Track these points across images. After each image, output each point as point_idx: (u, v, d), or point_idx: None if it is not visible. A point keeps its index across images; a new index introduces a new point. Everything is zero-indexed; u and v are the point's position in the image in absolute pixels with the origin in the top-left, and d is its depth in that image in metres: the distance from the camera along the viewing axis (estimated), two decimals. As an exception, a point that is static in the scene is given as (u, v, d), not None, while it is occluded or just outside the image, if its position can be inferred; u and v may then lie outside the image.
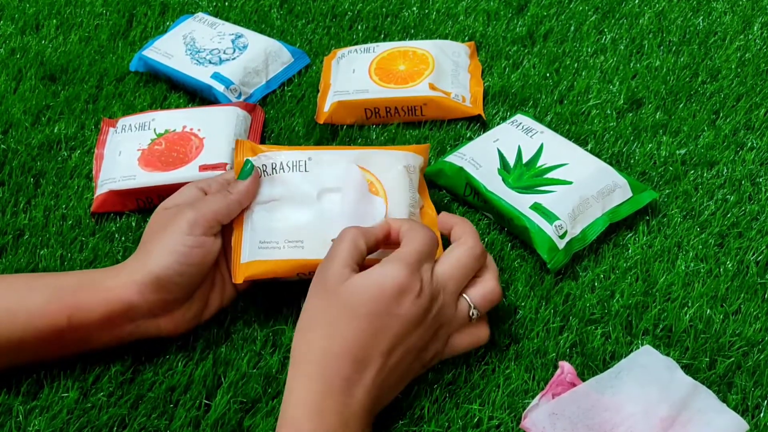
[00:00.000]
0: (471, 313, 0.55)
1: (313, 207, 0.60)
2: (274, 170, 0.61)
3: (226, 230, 0.60)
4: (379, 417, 0.54)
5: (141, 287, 0.54)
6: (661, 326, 0.60)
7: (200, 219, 0.56)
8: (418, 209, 0.63)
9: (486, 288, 0.55)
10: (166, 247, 0.55)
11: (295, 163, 0.61)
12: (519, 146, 0.70)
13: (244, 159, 0.61)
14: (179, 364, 0.58)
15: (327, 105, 0.77)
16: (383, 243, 0.56)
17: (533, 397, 0.55)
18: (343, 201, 0.60)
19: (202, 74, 0.80)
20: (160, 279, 0.54)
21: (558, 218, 0.63)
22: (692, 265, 0.64)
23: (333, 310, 0.51)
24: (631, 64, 0.82)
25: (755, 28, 0.86)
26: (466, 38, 0.86)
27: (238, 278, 0.58)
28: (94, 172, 0.72)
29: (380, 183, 0.61)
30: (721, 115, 0.76)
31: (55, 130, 0.76)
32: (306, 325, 0.52)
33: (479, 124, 0.77)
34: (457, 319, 0.55)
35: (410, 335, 0.52)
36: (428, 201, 0.65)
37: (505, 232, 0.67)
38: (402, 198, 0.61)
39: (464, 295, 0.55)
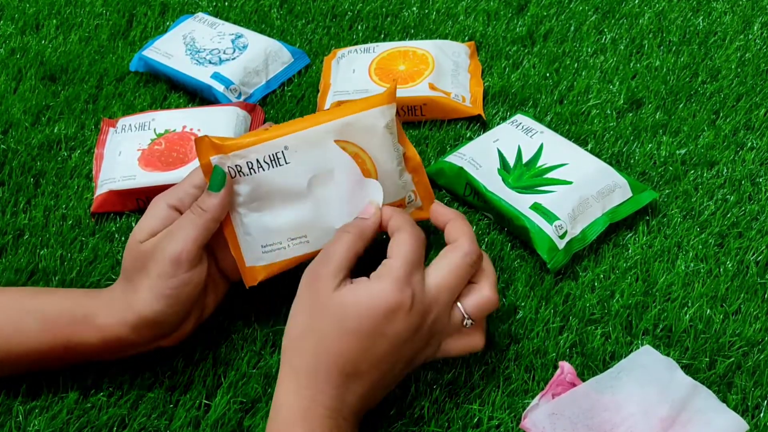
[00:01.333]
0: (465, 323, 0.53)
1: (307, 198, 0.56)
2: (251, 170, 0.55)
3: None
4: (379, 417, 0.55)
5: (135, 328, 0.53)
6: (661, 326, 0.60)
7: (182, 255, 0.52)
8: (403, 160, 0.59)
9: (482, 297, 0.53)
10: (153, 291, 0.52)
11: (272, 158, 0.55)
12: (519, 146, 0.70)
13: (213, 164, 0.54)
14: (179, 364, 0.58)
15: (327, 105, 0.77)
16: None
17: (533, 397, 0.55)
18: (336, 183, 0.56)
19: (202, 74, 0.80)
20: (155, 321, 0.53)
21: (558, 218, 0.63)
22: (692, 265, 0.64)
23: (323, 324, 0.50)
24: (631, 64, 0.82)
25: (755, 28, 0.86)
26: (466, 38, 0.86)
27: (250, 282, 0.57)
28: (94, 172, 0.72)
29: (365, 152, 0.57)
30: (721, 115, 0.76)
31: (55, 130, 0.76)
32: (296, 333, 0.51)
33: (479, 124, 0.77)
34: (451, 327, 0.53)
35: (401, 349, 0.51)
36: (408, 144, 0.60)
37: (505, 232, 0.67)
38: (389, 159, 0.57)
39: (458, 303, 0.53)
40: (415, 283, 0.51)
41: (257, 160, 0.55)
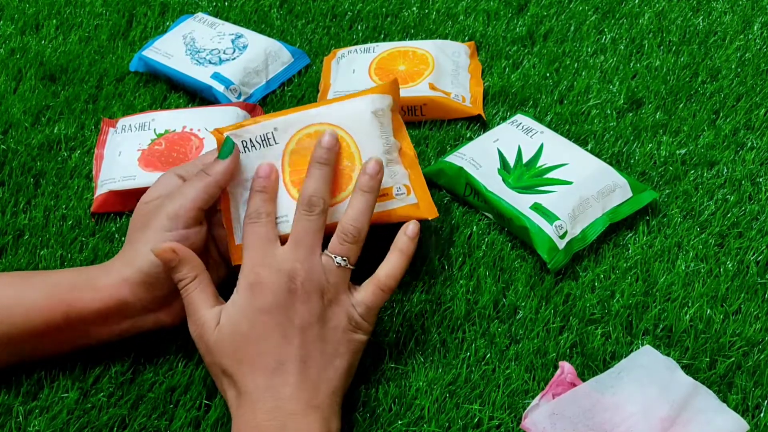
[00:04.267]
0: (336, 262, 0.54)
1: None
2: (246, 148, 0.58)
3: (213, 211, 0.59)
4: (379, 417, 0.54)
5: (132, 286, 0.54)
6: (661, 326, 0.60)
7: (180, 211, 0.55)
8: (396, 152, 0.61)
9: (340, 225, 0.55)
10: (150, 244, 0.54)
11: (263, 137, 0.58)
12: (519, 146, 0.70)
13: (225, 136, 0.58)
14: (179, 364, 0.58)
15: (327, 105, 0.77)
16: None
17: (533, 398, 0.55)
18: None
19: (202, 74, 0.80)
20: (150, 277, 0.54)
21: (558, 218, 0.63)
22: (692, 265, 0.64)
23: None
24: (631, 64, 0.82)
25: (755, 28, 0.86)
26: (466, 38, 0.86)
27: (236, 260, 0.57)
28: (94, 173, 0.72)
29: (350, 136, 0.59)
30: (721, 115, 0.76)
31: (55, 130, 0.76)
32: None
33: (479, 124, 0.77)
34: (332, 275, 0.54)
35: (289, 314, 0.52)
36: (406, 140, 0.62)
37: (505, 233, 0.67)
38: (375, 147, 0.59)
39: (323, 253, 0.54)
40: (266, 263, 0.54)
41: (251, 140, 0.58)
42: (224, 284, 0.60)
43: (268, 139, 0.58)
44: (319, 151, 0.57)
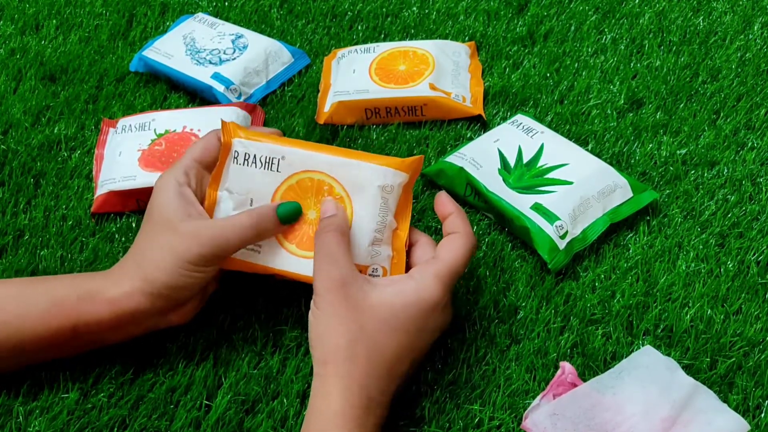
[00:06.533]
0: None
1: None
2: (246, 162, 0.57)
3: None
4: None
5: (151, 298, 0.54)
6: (661, 326, 0.60)
7: (216, 254, 0.54)
8: (390, 232, 0.57)
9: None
10: (176, 270, 0.53)
11: (268, 160, 0.56)
12: (519, 146, 0.70)
13: (296, 203, 0.56)
14: (180, 364, 0.58)
15: (327, 105, 0.77)
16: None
17: (534, 398, 0.55)
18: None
19: (202, 74, 0.80)
20: (171, 295, 0.54)
21: (559, 218, 0.63)
22: (693, 265, 0.64)
23: (373, 326, 0.51)
24: (632, 64, 0.82)
25: (755, 28, 0.86)
26: (467, 38, 0.86)
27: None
28: (94, 173, 0.72)
29: (350, 200, 0.56)
30: (722, 115, 0.76)
31: (55, 131, 0.76)
32: (344, 342, 0.50)
33: (479, 124, 0.77)
34: None
35: (430, 340, 0.54)
36: (406, 222, 0.57)
37: (505, 233, 0.67)
38: (368, 220, 0.56)
39: None
40: (453, 285, 0.55)
41: (254, 156, 0.57)
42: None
43: (272, 164, 0.56)
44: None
